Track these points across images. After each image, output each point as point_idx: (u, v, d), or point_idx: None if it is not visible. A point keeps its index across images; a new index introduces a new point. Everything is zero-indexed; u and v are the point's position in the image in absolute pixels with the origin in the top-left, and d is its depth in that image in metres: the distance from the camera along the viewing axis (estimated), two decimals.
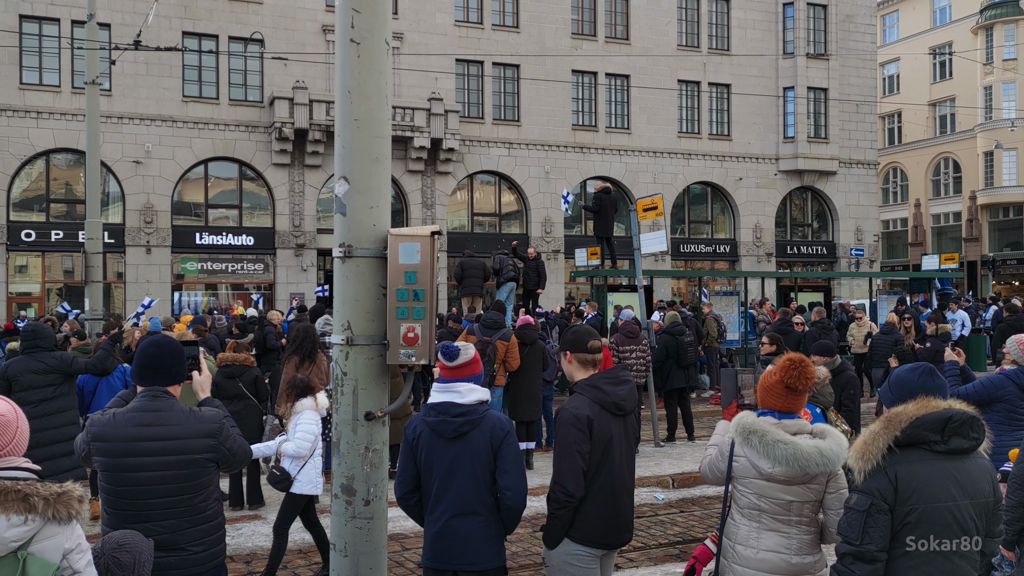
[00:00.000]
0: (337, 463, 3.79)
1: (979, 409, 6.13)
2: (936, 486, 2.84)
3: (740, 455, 3.49)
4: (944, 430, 2.87)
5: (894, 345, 12.58)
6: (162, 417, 3.44)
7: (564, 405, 3.86)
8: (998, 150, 38.08)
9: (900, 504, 2.82)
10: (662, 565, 6.72)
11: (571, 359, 3.97)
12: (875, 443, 2.88)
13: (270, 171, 25.50)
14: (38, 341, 7.10)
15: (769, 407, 3.55)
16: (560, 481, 3.71)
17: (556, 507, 3.74)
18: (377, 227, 3.78)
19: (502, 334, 9.93)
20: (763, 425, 3.42)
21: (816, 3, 31.66)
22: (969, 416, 2.91)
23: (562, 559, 3.79)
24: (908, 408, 2.93)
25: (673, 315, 12.87)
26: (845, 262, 32.23)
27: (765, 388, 3.58)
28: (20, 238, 23.43)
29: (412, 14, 26.91)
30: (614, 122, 29.71)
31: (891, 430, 2.89)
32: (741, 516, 3.50)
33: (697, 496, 9.07)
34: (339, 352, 3.77)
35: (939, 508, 2.83)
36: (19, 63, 23.33)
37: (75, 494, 2.56)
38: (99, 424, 3.44)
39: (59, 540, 2.52)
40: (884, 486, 2.82)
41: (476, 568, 3.64)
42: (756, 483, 3.42)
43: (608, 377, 3.90)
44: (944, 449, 2.88)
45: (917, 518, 2.81)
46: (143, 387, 3.52)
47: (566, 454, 3.72)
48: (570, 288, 28.60)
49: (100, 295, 13.46)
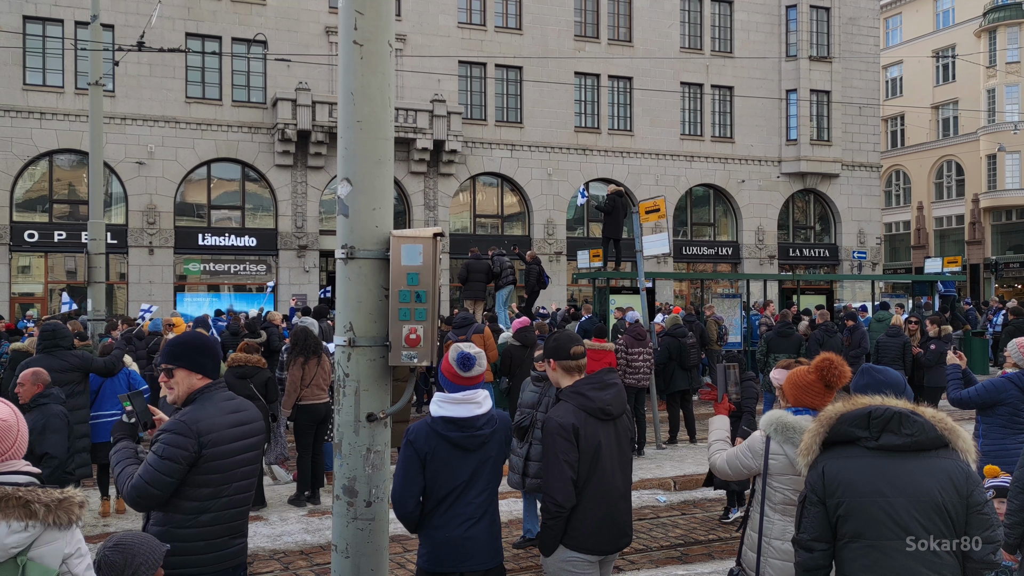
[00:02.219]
0: (339, 464, 3.79)
1: (982, 413, 6.14)
2: (861, 481, 2.88)
3: (778, 453, 3.52)
4: (869, 426, 2.92)
5: (902, 348, 12.50)
6: (239, 404, 3.57)
7: (549, 414, 3.80)
8: (1001, 153, 38.03)
9: (829, 497, 2.91)
10: (663, 567, 6.71)
11: (555, 366, 3.92)
12: (813, 440, 3.01)
13: (273, 172, 25.54)
14: (58, 340, 7.17)
15: (805, 405, 3.60)
16: (549, 492, 3.69)
17: (547, 517, 3.72)
18: (380, 228, 3.78)
19: (475, 328, 9.99)
20: (806, 424, 3.45)
21: (819, 6, 31.65)
22: (894, 412, 2.91)
23: (558, 566, 3.78)
24: (836, 406, 3.02)
25: (675, 317, 12.86)
26: (847, 265, 32.20)
27: (801, 387, 3.62)
28: (23, 239, 23.47)
29: (415, 16, 26.94)
30: (617, 124, 29.72)
31: (822, 427, 3.01)
32: (775, 512, 3.55)
33: (699, 499, 9.07)
34: (341, 353, 3.78)
35: (864, 503, 2.86)
36: (23, 64, 23.38)
37: (76, 499, 2.55)
38: (199, 422, 3.33)
39: (59, 545, 2.50)
40: (815, 480, 2.95)
41: (483, 568, 3.61)
42: (795, 479, 3.47)
43: (592, 383, 3.84)
44: (875, 445, 2.91)
45: (844, 511, 2.89)
46: (208, 379, 3.51)
47: (553, 465, 3.68)
48: (572, 290, 28.59)
49: (103, 296, 13.47)
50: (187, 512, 3.34)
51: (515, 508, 8.30)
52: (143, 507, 3.34)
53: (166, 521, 3.34)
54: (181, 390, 3.49)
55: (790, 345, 12.12)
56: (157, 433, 3.39)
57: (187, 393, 3.48)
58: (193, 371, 3.49)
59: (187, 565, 3.35)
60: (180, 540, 3.32)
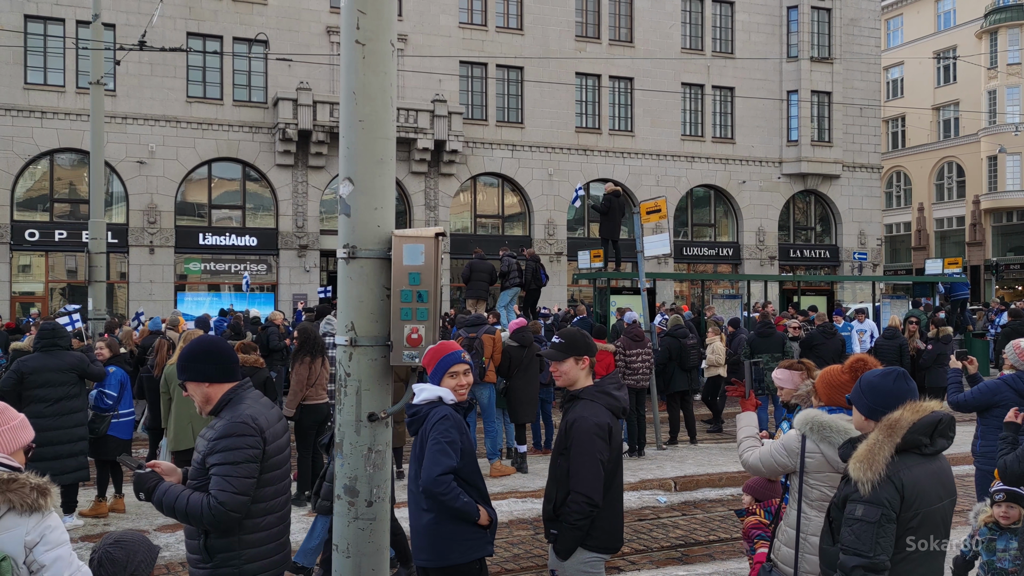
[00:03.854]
0: (340, 464, 3.78)
1: (980, 415, 6.14)
2: (930, 489, 2.89)
3: (814, 451, 3.56)
4: (934, 432, 2.91)
5: (899, 350, 12.48)
6: (268, 401, 3.52)
7: (582, 414, 3.80)
8: (1002, 155, 38.04)
9: (905, 510, 2.82)
10: (663, 568, 6.71)
11: (587, 363, 3.93)
12: (881, 452, 2.86)
13: (273, 172, 25.54)
14: (57, 340, 7.15)
15: (838, 404, 3.65)
16: (584, 491, 3.69)
17: (579, 518, 3.71)
18: (381, 228, 3.77)
19: (486, 329, 9.95)
20: (841, 423, 3.49)
21: (820, 7, 31.65)
22: (951, 416, 2.97)
23: (577, 568, 3.79)
24: (905, 414, 2.93)
25: (676, 318, 12.86)
26: (848, 266, 32.19)
27: (835, 386, 3.68)
28: (24, 238, 23.47)
29: (416, 16, 26.95)
30: (617, 125, 29.72)
31: (893, 437, 2.89)
32: (811, 509, 3.59)
33: (699, 499, 9.06)
34: (343, 353, 3.77)
35: (934, 510, 2.88)
36: (24, 63, 23.38)
37: (30, 482, 2.47)
38: (260, 422, 3.28)
39: (18, 532, 2.44)
40: (892, 495, 2.81)
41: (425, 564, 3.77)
42: (832, 477, 3.50)
43: (614, 382, 3.96)
44: (932, 451, 2.92)
45: (919, 522, 2.84)
46: (234, 382, 3.42)
47: (590, 464, 3.70)
48: (573, 290, 28.59)
49: (103, 295, 13.48)
50: (255, 515, 3.22)
51: (516, 508, 8.29)
52: (234, 522, 3.15)
53: (233, 531, 3.19)
54: (198, 401, 3.41)
55: (772, 345, 12.13)
56: (214, 439, 3.21)
57: (206, 402, 3.38)
58: (200, 381, 3.39)
59: (263, 570, 3.25)
60: (251, 546, 3.22)
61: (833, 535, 3.01)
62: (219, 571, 3.21)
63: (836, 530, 2.98)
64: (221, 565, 3.22)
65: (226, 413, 3.31)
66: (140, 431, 10.55)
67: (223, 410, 3.33)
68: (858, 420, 3.14)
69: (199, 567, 3.26)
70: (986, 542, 4.50)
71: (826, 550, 3.08)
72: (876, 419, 3.00)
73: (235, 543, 3.19)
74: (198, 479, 3.25)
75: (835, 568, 2.92)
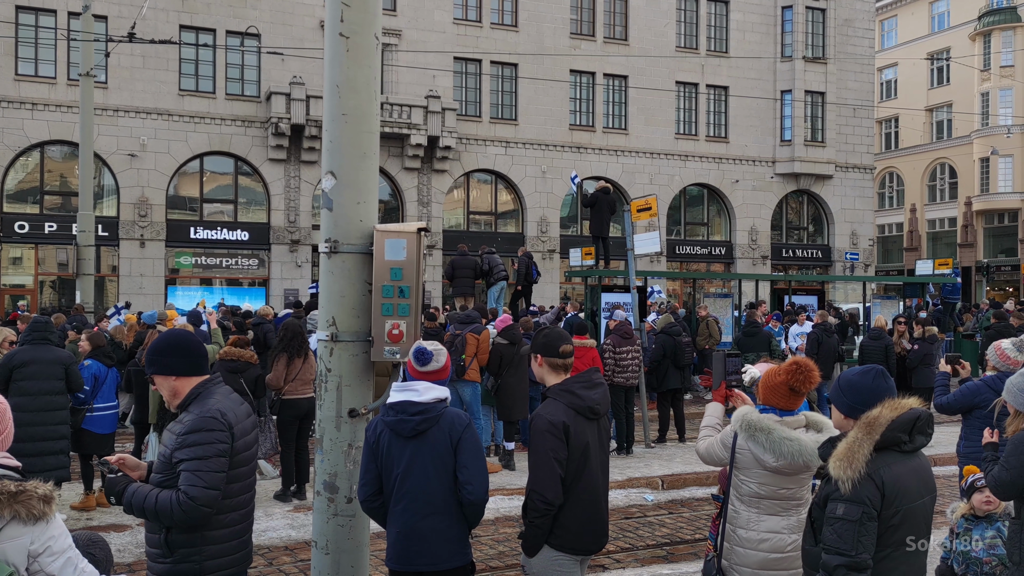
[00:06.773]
0: (320, 460, 3.76)
1: (963, 417, 6.17)
2: (911, 486, 2.89)
3: (744, 448, 3.64)
4: (912, 430, 2.92)
5: (884, 350, 12.49)
6: (237, 396, 3.46)
7: (538, 411, 3.76)
8: (994, 156, 38.17)
9: (886, 508, 2.82)
10: (649, 566, 6.71)
11: (542, 362, 3.88)
12: (860, 450, 2.84)
13: (266, 166, 25.45)
14: (47, 334, 7.12)
15: (771, 404, 3.70)
16: (538, 489, 3.64)
17: (535, 516, 3.67)
18: (364, 223, 3.75)
19: (473, 328, 9.89)
20: (768, 423, 3.57)
21: (815, 7, 31.68)
22: (929, 414, 2.99)
23: (544, 566, 3.75)
24: (883, 411, 2.93)
25: (667, 316, 12.84)
26: (840, 266, 32.27)
27: (769, 387, 3.71)
28: (13, 230, 23.34)
29: (411, 11, 26.86)
30: (611, 122, 29.70)
31: (872, 435, 2.89)
32: (741, 503, 3.67)
33: (686, 498, 9.07)
34: (323, 348, 3.75)
35: (914, 507, 2.89)
36: (15, 54, 23.23)
37: (37, 492, 2.43)
38: (229, 417, 3.23)
39: (22, 542, 2.41)
40: (872, 493, 2.80)
41: (437, 568, 3.55)
42: (759, 474, 3.60)
43: (582, 381, 3.84)
44: (911, 448, 2.93)
45: (900, 520, 2.84)
46: (203, 377, 3.35)
47: (543, 462, 3.65)
48: (565, 288, 28.58)
49: (92, 288, 13.42)
50: (220, 511, 3.17)
51: (502, 506, 8.28)
52: (205, 517, 3.11)
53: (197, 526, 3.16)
54: (166, 395, 3.36)
55: (758, 343, 12.10)
56: (183, 433, 3.16)
57: (173, 396, 3.33)
58: (167, 375, 3.31)
59: (224, 568, 3.22)
60: (214, 543, 3.18)
61: (815, 535, 3.00)
62: (179, 567, 3.17)
63: (818, 530, 2.97)
64: (182, 560, 3.17)
65: (194, 407, 3.25)
66: (127, 424, 10.50)
67: (191, 404, 3.27)
68: (837, 418, 3.14)
69: (158, 561, 3.21)
70: (963, 532, 4.54)
71: (808, 550, 3.06)
72: (855, 417, 2.99)
73: (197, 539, 3.15)
74: (164, 473, 3.19)
75: (817, 568, 2.90)
